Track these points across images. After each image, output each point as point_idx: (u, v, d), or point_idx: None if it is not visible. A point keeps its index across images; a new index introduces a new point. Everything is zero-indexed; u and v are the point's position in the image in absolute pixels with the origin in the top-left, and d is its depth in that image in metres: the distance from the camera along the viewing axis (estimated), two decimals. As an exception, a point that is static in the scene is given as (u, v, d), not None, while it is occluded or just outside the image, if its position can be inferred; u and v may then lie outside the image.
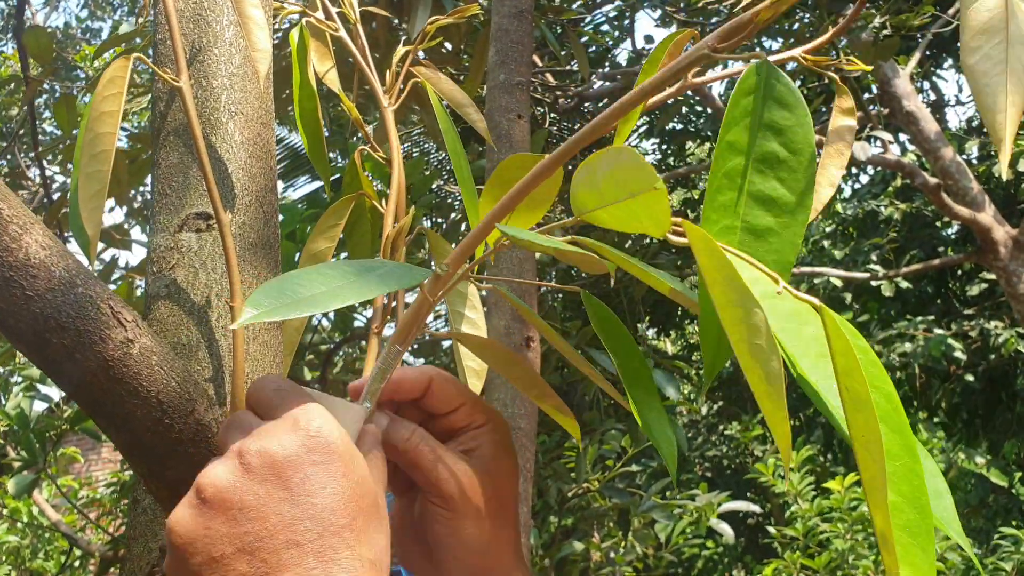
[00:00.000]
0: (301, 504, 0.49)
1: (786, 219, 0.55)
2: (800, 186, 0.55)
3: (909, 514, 0.46)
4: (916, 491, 0.46)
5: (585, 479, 4.28)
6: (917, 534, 0.46)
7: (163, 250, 0.79)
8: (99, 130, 0.70)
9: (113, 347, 0.59)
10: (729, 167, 0.56)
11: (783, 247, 0.55)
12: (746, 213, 0.55)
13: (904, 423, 0.47)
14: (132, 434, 0.62)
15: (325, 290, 0.56)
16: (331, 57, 1.07)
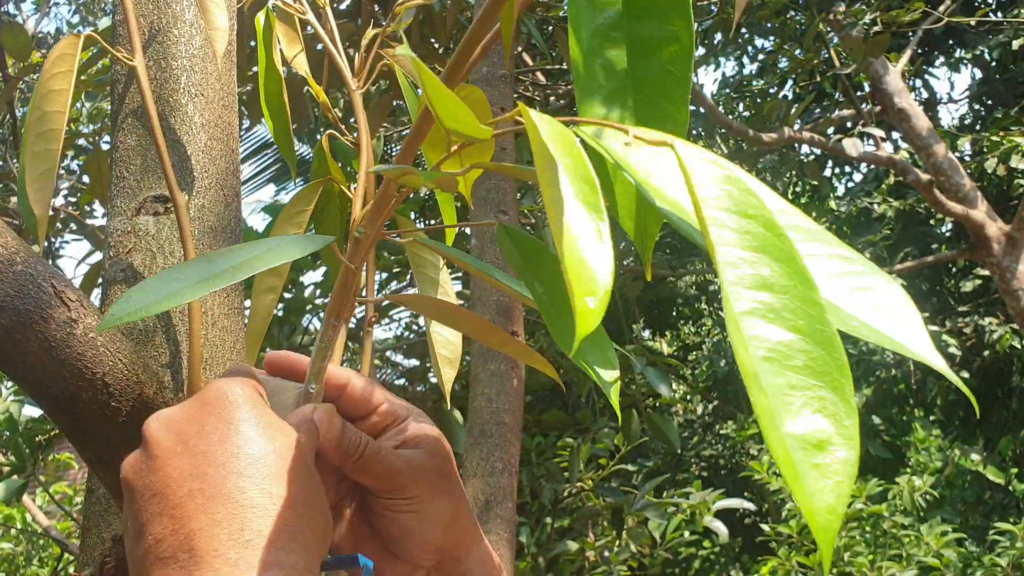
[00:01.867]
0: (198, 454, 0.48)
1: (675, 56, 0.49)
2: (682, 12, 0.49)
3: (811, 351, 0.37)
4: (816, 322, 0.38)
5: (579, 478, 4.26)
6: (824, 372, 0.37)
7: (120, 234, 0.77)
8: (47, 108, 0.68)
9: (55, 327, 0.57)
10: (599, 23, 0.50)
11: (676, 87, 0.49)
12: (632, 66, 0.50)
13: (792, 251, 0.39)
14: (78, 418, 0.60)
15: (240, 261, 0.55)
16: (300, 41, 1.05)
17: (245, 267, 0.55)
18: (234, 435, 0.49)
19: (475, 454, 1.81)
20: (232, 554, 0.45)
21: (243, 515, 0.46)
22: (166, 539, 0.46)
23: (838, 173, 7.74)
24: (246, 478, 0.48)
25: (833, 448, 0.36)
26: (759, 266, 0.39)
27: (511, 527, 1.76)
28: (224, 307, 0.78)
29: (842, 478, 0.35)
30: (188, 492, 0.47)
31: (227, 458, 0.48)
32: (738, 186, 0.41)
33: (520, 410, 1.89)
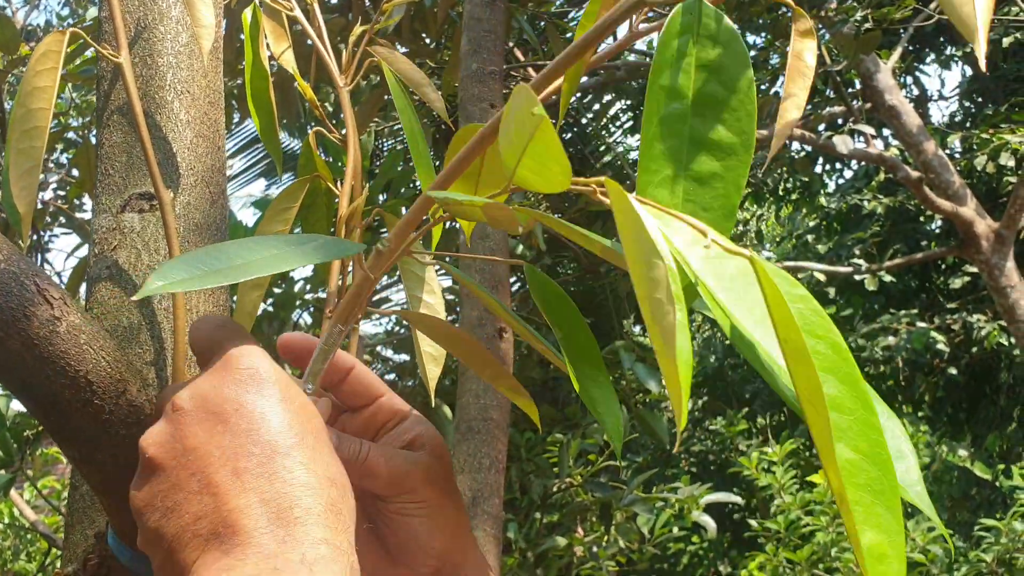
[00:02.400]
0: (240, 433, 0.48)
1: (731, 161, 0.53)
2: (743, 125, 0.53)
3: (870, 472, 0.42)
4: (875, 446, 0.43)
5: (568, 474, 4.27)
6: (880, 492, 0.42)
7: (105, 231, 0.77)
8: (32, 106, 0.68)
9: (38, 325, 0.57)
10: (665, 113, 0.53)
11: (728, 191, 0.53)
12: (689, 160, 0.53)
13: (856, 375, 0.43)
14: (61, 416, 0.60)
15: (257, 259, 0.55)
16: (287, 38, 1.05)
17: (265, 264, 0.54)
18: (273, 414, 0.49)
19: (462, 450, 1.81)
20: (280, 532, 0.45)
21: (293, 493, 0.46)
22: (207, 516, 0.46)
23: (829, 170, 7.76)
24: (292, 457, 0.48)
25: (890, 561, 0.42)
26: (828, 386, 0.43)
27: (498, 523, 1.77)
28: (209, 304, 0.78)
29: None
30: (233, 470, 0.47)
31: (272, 436, 0.48)
32: (808, 305, 0.44)
33: (507, 406, 1.89)
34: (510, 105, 0.51)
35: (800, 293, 0.44)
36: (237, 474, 0.47)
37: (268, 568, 0.44)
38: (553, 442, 4.41)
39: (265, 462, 0.47)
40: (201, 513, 0.46)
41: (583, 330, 0.63)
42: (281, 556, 0.44)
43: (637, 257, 0.44)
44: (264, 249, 0.56)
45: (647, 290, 0.43)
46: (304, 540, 0.45)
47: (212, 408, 0.49)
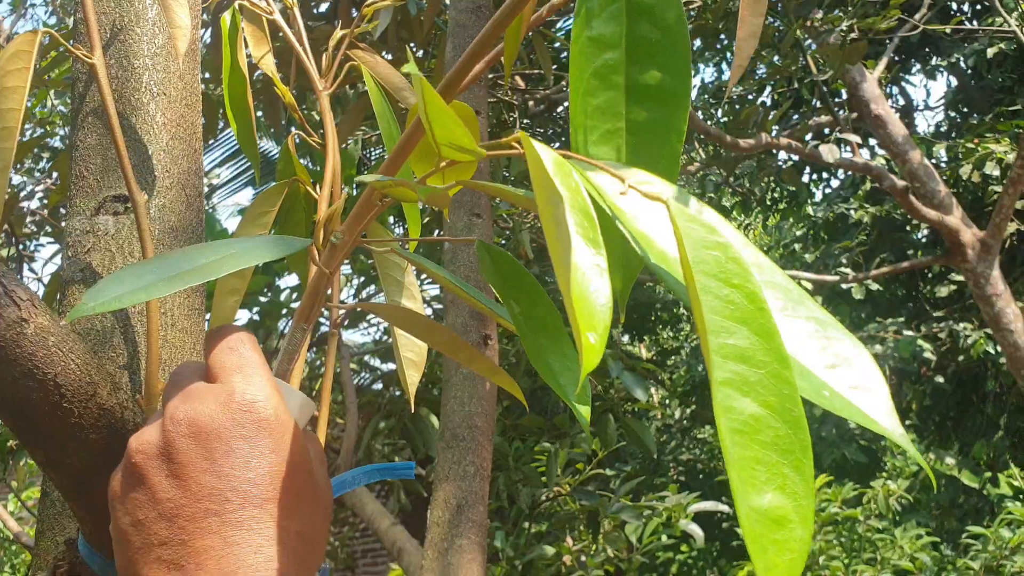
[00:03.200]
0: (223, 476, 0.49)
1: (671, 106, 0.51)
2: (679, 67, 0.51)
3: (778, 429, 0.38)
4: (785, 401, 0.39)
5: (556, 483, 4.25)
6: (788, 450, 0.38)
7: (79, 234, 0.76)
8: (2, 106, 0.67)
9: (5, 327, 0.56)
10: (599, 64, 0.51)
11: (671, 137, 0.51)
12: (628, 111, 0.51)
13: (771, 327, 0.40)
14: (29, 420, 0.59)
15: (195, 264, 0.54)
16: (267, 42, 1.04)
17: (213, 268, 0.54)
18: (259, 464, 0.50)
19: (447, 458, 1.80)
20: None
21: (255, 542, 0.48)
22: (171, 545, 0.48)
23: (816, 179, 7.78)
24: (264, 510, 0.49)
25: (791, 525, 0.38)
26: (739, 337, 0.40)
27: (483, 531, 1.76)
28: (184, 308, 0.77)
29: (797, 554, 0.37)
30: (206, 511, 0.48)
31: (248, 487, 0.49)
32: (726, 252, 0.41)
33: (492, 414, 1.88)
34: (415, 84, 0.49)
35: (718, 240, 0.41)
36: (207, 515, 0.48)
37: None
38: (541, 451, 4.40)
39: (237, 510, 0.48)
40: (167, 540, 0.48)
41: (543, 302, 0.61)
42: None
43: (544, 199, 0.42)
44: (218, 251, 0.56)
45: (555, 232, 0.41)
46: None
47: (204, 440, 0.49)
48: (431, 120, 0.49)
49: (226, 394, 0.51)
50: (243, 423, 0.50)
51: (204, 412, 0.50)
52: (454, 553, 1.68)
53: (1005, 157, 5.90)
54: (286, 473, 0.50)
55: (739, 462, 0.38)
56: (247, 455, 0.49)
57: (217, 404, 0.50)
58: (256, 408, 0.50)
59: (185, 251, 0.57)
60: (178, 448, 0.49)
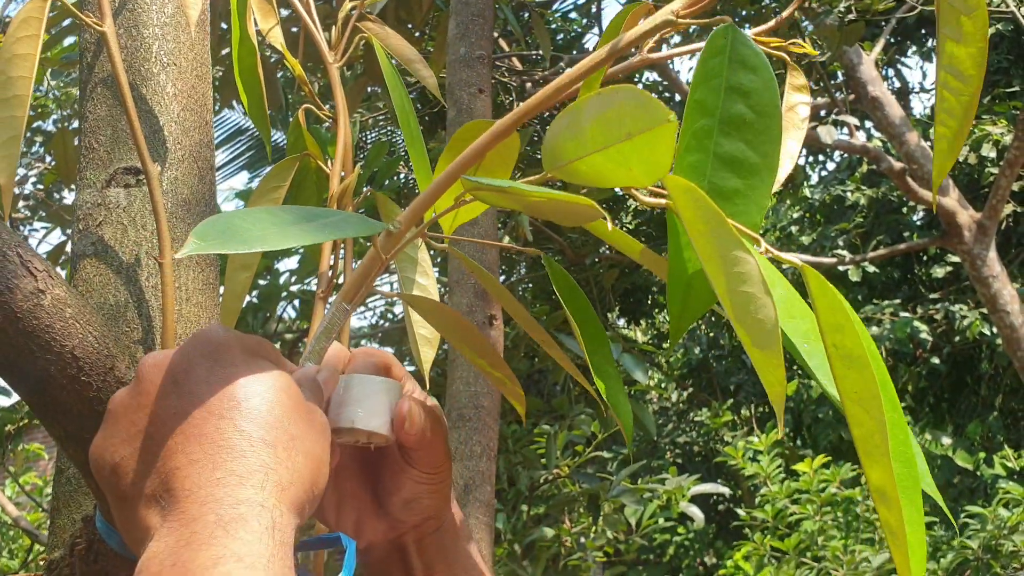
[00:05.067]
0: (185, 395, 0.48)
1: (753, 181, 0.55)
2: (766, 148, 0.55)
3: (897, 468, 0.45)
4: (902, 444, 0.46)
5: (555, 465, 4.25)
6: (906, 487, 0.45)
7: (90, 207, 0.75)
8: (12, 74, 0.66)
9: (22, 298, 0.55)
10: (697, 127, 0.55)
11: (750, 209, 0.55)
12: (713, 175, 0.55)
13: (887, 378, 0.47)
14: (47, 394, 0.57)
15: (275, 230, 0.53)
16: (275, 15, 1.03)
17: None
18: (221, 377, 0.49)
19: (453, 438, 1.79)
20: (203, 492, 0.45)
21: (217, 456, 0.46)
22: (148, 476, 0.47)
23: (812, 161, 7.77)
24: (226, 420, 0.47)
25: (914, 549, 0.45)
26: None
27: (490, 511, 1.75)
28: (198, 282, 0.76)
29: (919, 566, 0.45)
30: (170, 431, 0.47)
31: (211, 399, 0.48)
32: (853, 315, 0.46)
33: (498, 393, 1.87)
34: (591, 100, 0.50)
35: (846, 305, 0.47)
36: (173, 435, 0.47)
37: (187, 533, 0.44)
38: (540, 434, 4.40)
39: (200, 424, 0.47)
40: (143, 472, 0.47)
41: (594, 321, 0.63)
42: (200, 519, 0.44)
43: (716, 252, 0.45)
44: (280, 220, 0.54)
45: (731, 285, 0.44)
46: (223, 500, 0.45)
47: (168, 369, 0.49)
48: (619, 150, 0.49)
49: (189, 337, 0.51)
50: (202, 347, 0.50)
51: (171, 353, 0.50)
52: (462, 533, 1.67)
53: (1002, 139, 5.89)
54: (252, 386, 0.49)
55: None
56: (208, 371, 0.49)
57: (183, 343, 0.51)
58: (217, 334, 0.50)
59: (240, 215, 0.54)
60: (145, 382, 0.49)
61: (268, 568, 0.44)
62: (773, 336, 0.42)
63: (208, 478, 0.45)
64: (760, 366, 0.43)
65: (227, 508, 0.45)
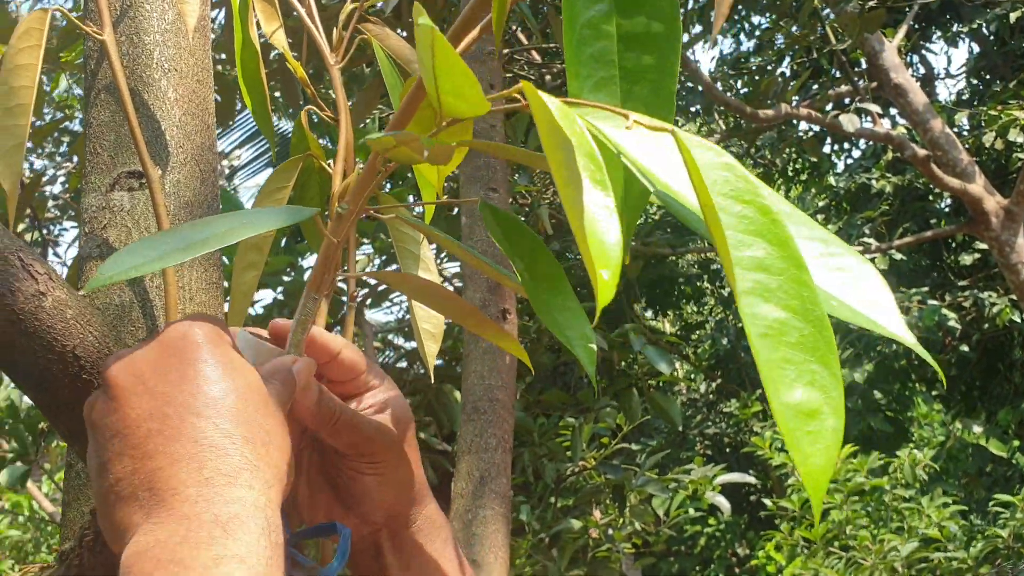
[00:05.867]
0: (158, 395, 0.48)
1: (662, 50, 0.52)
2: (667, 12, 0.53)
3: (802, 329, 0.41)
4: (807, 303, 0.42)
5: (581, 457, 4.26)
6: (815, 348, 0.41)
7: (95, 210, 0.77)
8: (15, 83, 0.68)
9: (24, 300, 0.57)
10: (589, 15, 0.53)
11: (663, 79, 0.53)
12: (621, 58, 0.53)
13: (786, 236, 0.43)
14: (50, 391, 0.60)
15: (206, 234, 0.55)
16: (278, 17, 1.05)
17: (225, 236, 0.55)
18: (193, 375, 0.49)
19: (468, 430, 1.81)
20: (191, 491, 0.46)
21: (201, 455, 0.47)
22: (127, 478, 0.47)
23: (837, 150, 7.71)
24: (204, 418, 0.48)
25: (823, 416, 0.40)
26: (755, 248, 0.42)
27: (506, 502, 1.77)
28: (202, 282, 0.78)
29: (831, 443, 0.40)
30: (147, 432, 0.48)
31: (185, 398, 0.48)
32: (734, 172, 0.43)
33: (512, 386, 1.89)
34: (416, 35, 0.51)
35: (725, 161, 0.44)
36: (151, 436, 0.47)
37: (181, 530, 0.44)
38: (565, 426, 4.41)
39: (177, 423, 0.47)
40: (121, 475, 0.47)
41: (545, 258, 0.62)
42: (194, 517, 0.45)
43: (552, 146, 0.43)
44: (227, 223, 0.56)
45: (566, 176, 0.42)
46: (215, 500, 0.45)
47: (136, 371, 0.49)
48: (438, 71, 0.49)
49: (160, 334, 0.52)
50: (172, 343, 0.50)
51: (135, 350, 0.51)
52: (478, 524, 1.70)
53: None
54: (224, 382, 0.49)
55: (767, 363, 0.40)
56: (180, 371, 0.49)
57: (149, 343, 0.51)
58: (186, 333, 0.51)
59: (198, 222, 0.58)
60: (114, 387, 0.49)
61: (267, 570, 0.44)
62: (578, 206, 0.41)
63: (195, 477, 0.46)
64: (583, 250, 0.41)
65: (221, 507, 0.45)
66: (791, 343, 0.41)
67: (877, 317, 0.47)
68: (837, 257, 0.48)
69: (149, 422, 0.48)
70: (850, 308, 0.47)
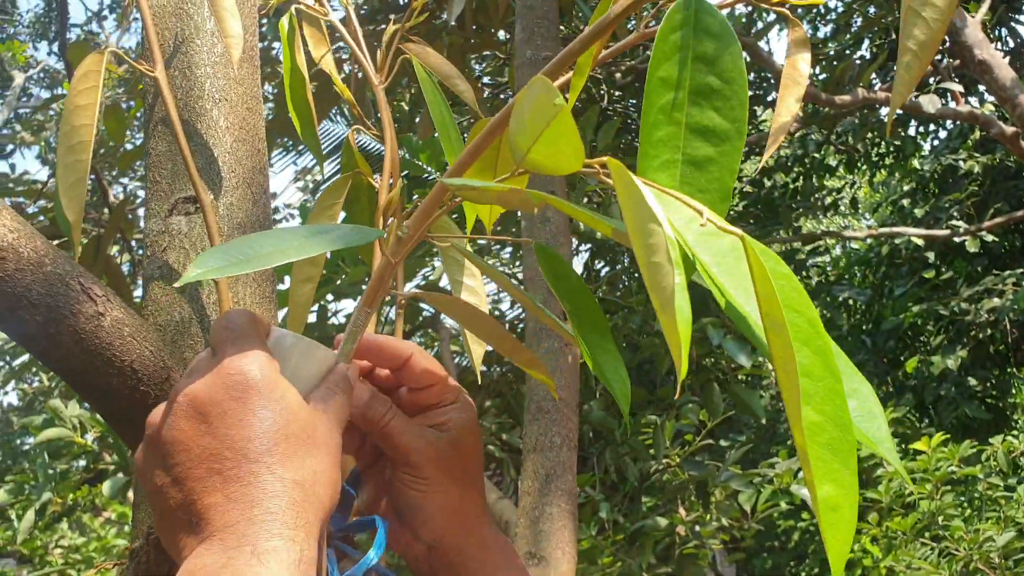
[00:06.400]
0: (219, 436, 0.54)
1: (724, 147, 0.57)
2: (735, 113, 0.58)
3: (831, 432, 0.48)
4: (838, 410, 0.48)
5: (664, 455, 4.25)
6: (839, 450, 0.48)
7: (156, 234, 0.83)
8: (75, 123, 0.74)
9: (84, 320, 0.63)
10: (663, 102, 0.58)
11: (723, 174, 0.57)
12: (686, 145, 0.57)
13: (827, 346, 0.49)
14: (112, 403, 0.66)
15: (274, 249, 0.60)
16: (327, 42, 1.10)
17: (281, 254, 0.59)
18: (251, 421, 0.55)
19: (533, 430, 1.85)
20: (240, 528, 0.52)
21: (254, 495, 0.53)
22: (182, 508, 0.54)
23: (923, 132, 7.51)
24: (260, 463, 0.54)
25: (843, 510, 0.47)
26: (803, 355, 0.48)
27: (572, 499, 1.80)
28: (256, 296, 0.83)
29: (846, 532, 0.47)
30: (208, 471, 0.54)
31: (243, 443, 0.54)
32: (790, 283, 0.49)
33: (576, 385, 1.92)
34: (524, 93, 0.56)
35: (783, 271, 0.49)
36: (210, 474, 0.53)
37: (224, 559, 0.50)
38: (647, 424, 4.41)
39: (235, 467, 0.53)
40: (178, 505, 0.54)
41: (590, 303, 0.67)
42: (236, 549, 0.51)
43: (636, 226, 0.49)
44: (284, 240, 0.61)
45: (646, 256, 0.48)
46: (259, 537, 0.51)
47: (200, 408, 0.55)
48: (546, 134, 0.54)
49: (219, 366, 0.56)
50: (233, 387, 0.55)
51: (200, 384, 0.56)
52: (545, 520, 1.73)
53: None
54: (278, 427, 0.55)
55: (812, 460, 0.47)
56: (239, 415, 0.54)
57: (212, 376, 0.56)
58: (244, 373, 0.56)
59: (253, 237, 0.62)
60: (181, 416, 0.55)
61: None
62: (671, 302, 0.45)
63: (246, 515, 0.52)
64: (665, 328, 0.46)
65: (263, 543, 0.51)
66: (821, 443, 0.48)
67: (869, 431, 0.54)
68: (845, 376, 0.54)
69: (210, 462, 0.54)
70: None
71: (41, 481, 4.42)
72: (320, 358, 0.63)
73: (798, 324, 0.48)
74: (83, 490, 4.84)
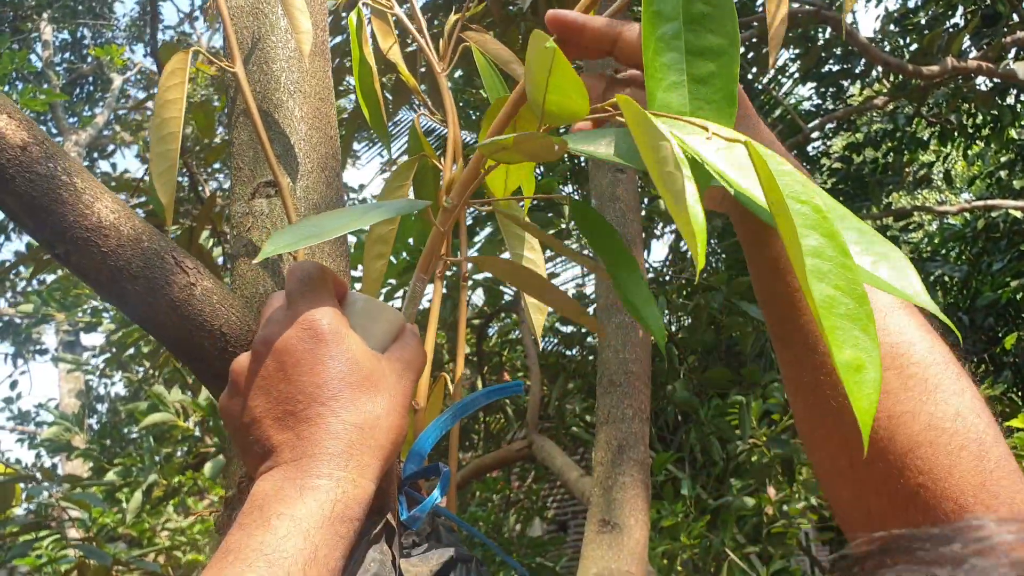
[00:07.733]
0: (293, 381, 0.62)
1: (723, 59, 0.64)
2: (727, 29, 0.64)
3: (847, 304, 0.52)
4: (851, 283, 0.53)
5: (751, 434, 4.25)
6: (856, 319, 0.52)
7: (240, 216, 0.91)
8: (165, 115, 0.83)
9: (178, 290, 0.71)
10: (661, 32, 0.64)
11: (725, 83, 0.64)
12: (689, 66, 0.64)
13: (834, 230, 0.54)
14: (204, 362, 0.74)
15: (336, 224, 0.67)
16: (393, 34, 1.18)
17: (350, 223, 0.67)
18: (320, 369, 0.63)
19: (606, 402, 1.90)
20: (302, 462, 0.60)
21: (319, 436, 0.61)
22: (260, 442, 0.62)
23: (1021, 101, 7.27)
24: (327, 407, 0.62)
25: (866, 371, 0.52)
26: (810, 239, 0.54)
27: (644, 469, 1.85)
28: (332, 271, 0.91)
29: (872, 390, 0.51)
30: (284, 412, 0.62)
31: (313, 389, 0.62)
32: (794, 177, 0.55)
33: (647, 360, 1.96)
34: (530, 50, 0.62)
35: (787, 169, 0.55)
36: (285, 415, 0.61)
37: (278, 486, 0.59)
38: (733, 404, 4.41)
39: (305, 409, 0.61)
40: (256, 440, 0.62)
41: (622, 251, 0.73)
42: (290, 480, 0.59)
43: (648, 145, 0.55)
44: (343, 216, 0.69)
45: (659, 168, 0.54)
46: (310, 472, 0.59)
47: (277, 356, 0.63)
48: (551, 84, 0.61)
49: (293, 317, 0.64)
50: (306, 338, 0.63)
51: (277, 333, 0.64)
52: (618, 489, 1.79)
53: None
54: (344, 375, 0.62)
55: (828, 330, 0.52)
56: (311, 364, 0.62)
57: (287, 326, 0.64)
58: (316, 325, 0.63)
59: (321, 216, 0.70)
60: (262, 361, 0.63)
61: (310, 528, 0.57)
62: (682, 196, 0.52)
63: (309, 451, 0.60)
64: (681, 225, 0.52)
65: (311, 479, 0.59)
66: (840, 314, 0.52)
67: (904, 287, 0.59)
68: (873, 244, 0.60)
69: (285, 404, 0.62)
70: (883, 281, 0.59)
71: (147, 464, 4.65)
72: (388, 318, 0.71)
73: (804, 212, 0.54)
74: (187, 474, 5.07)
